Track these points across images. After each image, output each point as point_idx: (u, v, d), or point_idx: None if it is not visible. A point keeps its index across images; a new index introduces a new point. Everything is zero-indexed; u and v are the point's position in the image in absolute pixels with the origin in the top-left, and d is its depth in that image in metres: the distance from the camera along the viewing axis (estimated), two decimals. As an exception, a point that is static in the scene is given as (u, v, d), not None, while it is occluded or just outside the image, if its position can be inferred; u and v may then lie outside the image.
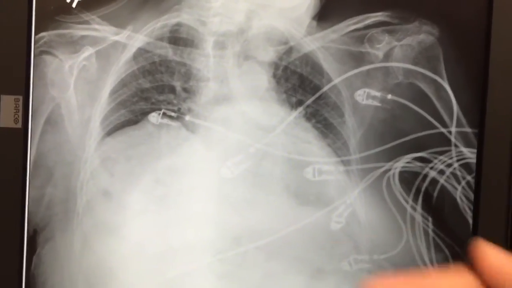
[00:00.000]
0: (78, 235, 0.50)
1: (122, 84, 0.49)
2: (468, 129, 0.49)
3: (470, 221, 0.49)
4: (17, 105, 0.49)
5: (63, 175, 0.50)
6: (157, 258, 0.50)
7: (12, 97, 0.49)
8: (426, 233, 0.50)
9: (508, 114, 0.49)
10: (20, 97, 0.49)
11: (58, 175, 0.50)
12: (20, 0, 0.49)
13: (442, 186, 0.50)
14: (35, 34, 0.49)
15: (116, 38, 0.49)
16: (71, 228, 0.50)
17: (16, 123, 0.49)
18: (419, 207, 0.50)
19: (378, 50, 0.49)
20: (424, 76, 0.49)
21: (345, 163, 0.50)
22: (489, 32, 0.49)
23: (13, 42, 0.49)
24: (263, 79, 0.49)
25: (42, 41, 0.49)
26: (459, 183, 0.50)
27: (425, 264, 0.50)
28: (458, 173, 0.49)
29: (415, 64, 0.49)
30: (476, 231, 0.49)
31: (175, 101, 0.50)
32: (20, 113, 0.49)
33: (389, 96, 0.49)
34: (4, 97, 0.49)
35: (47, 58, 0.49)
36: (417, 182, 0.50)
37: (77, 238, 0.50)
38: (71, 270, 0.50)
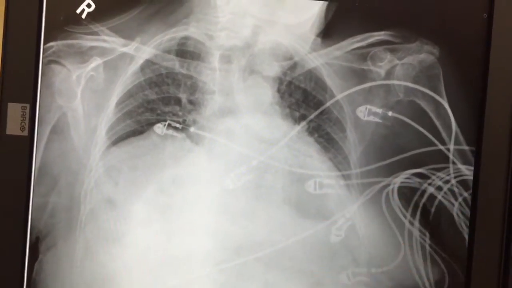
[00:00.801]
0: (80, 243, 0.50)
1: (129, 94, 0.50)
2: (465, 147, 0.51)
3: (466, 237, 0.51)
4: (24, 113, 0.49)
5: (68, 183, 0.50)
6: (158, 267, 0.51)
7: (19, 105, 0.49)
8: (423, 247, 0.51)
9: (505, 133, 0.50)
10: (27, 105, 0.49)
11: (63, 183, 0.50)
12: (30, 10, 0.49)
13: (440, 202, 0.51)
14: (44, 43, 0.50)
15: (124, 49, 0.50)
16: (74, 236, 0.50)
17: (22, 131, 0.49)
18: (417, 222, 0.51)
19: (380, 68, 0.50)
20: (424, 94, 0.50)
21: (346, 177, 0.51)
22: (488, 52, 0.50)
23: (22, 51, 0.49)
24: (267, 94, 0.50)
25: (51, 50, 0.50)
26: (456, 199, 0.51)
27: (421, 278, 0.51)
28: (456, 189, 0.51)
29: (415, 82, 0.51)
30: (472, 247, 0.50)
31: (180, 113, 0.50)
32: (26, 121, 0.49)
33: (390, 113, 0.51)
34: (11, 104, 0.49)
35: (55, 67, 0.50)
36: (415, 198, 0.51)
37: (80, 246, 0.50)
38: (72, 277, 0.50)
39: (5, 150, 0.49)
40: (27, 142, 0.49)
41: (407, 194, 0.51)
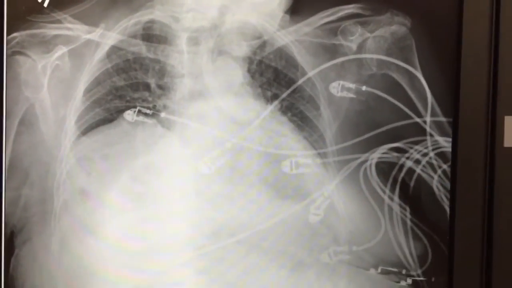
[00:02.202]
0: (56, 235, 0.50)
1: (96, 82, 0.49)
2: (442, 118, 0.50)
3: (447, 209, 0.50)
4: (-9, 107, 0.49)
5: (39, 176, 0.49)
6: (137, 255, 0.50)
7: (-15, 98, 0.49)
8: (404, 222, 0.50)
9: (481, 102, 0.49)
10: (-7, 98, 0.49)
11: (34, 175, 0.49)
12: (-9, 1, 0.48)
13: (419, 176, 0.50)
14: (7, 34, 0.49)
15: (88, 36, 0.49)
16: (49, 229, 0.50)
17: (-10, 125, 0.49)
18: (396, 197, 0.50)
19: (351, 42, 0.49)
20: (398, 67, 0.49)
21: (322, 155, 0.50)
22: (461, 21, 0.49)
23: (-16, 43, 0.48)
24: (237, 74, 0.50)
25: (14, 41, 0.49)
26: (435, 172, 0.50)
27: (404, 253, 0.50)
28: (434, 162, 0.50)
29: (388, 55, 0.49)
30: (453, 219, 0.50)
31: (150, 98, 0.49)
32: (-7, 115, 0.49)
33: (364, 88, 0.50)
34: (-23, 98, 0.49)
35: (20, 58, 0.49)
36: (393, 173, 0.50)
37: (55, 238, 0.50)
38: (50, 270, 0.50)
39: (-27, 145, 0.49)
40: (-4, 136, 0.49)
41: (385, 169, 0.50)
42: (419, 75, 0.49)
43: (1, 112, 0.49)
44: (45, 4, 0.49)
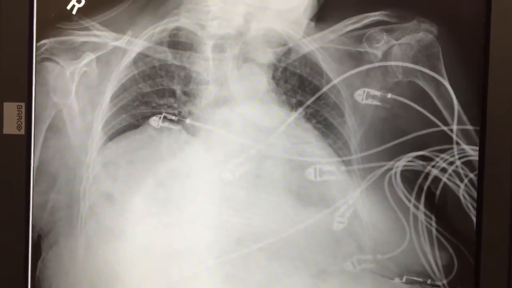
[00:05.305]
0: (82, 239, 0.50)
1: (123, 89, 0.50)
2: (469, 127, 0.49)
3: (474, 218, 0.49)
4: (20, 112, 0.49)
5: (66, 181, 0.50)
6: (160, 261, 0.50)
7: (15, 104, 0.49)
8: (429, 231, 0.49)
9: (509, 110, 0.48)
10: (23, 104, 0.50)
11: (61, 180, 0.50)
12: (21, 8, 0.49)
13: (445, 184, 0.49)
14: (37, 41, 0.50)
15: (116, 43, 0.50)
16: (75, 233, 0.50)
17: (19, 130, 0.49)
18: (421, 206, 0.49)
19: (377, 50, 0.49)
20: (424, 74, 0.49)
21: (346, 163, 0.50)
22: (488, 28, 0.48)
23: (14, 50, 0.49)
24: (262, 81, 0.50)
25: (44, 48, 0.50)
26: (461, 181, 0.49)
27: (429, 263, 0.50)
28: (461, 171, 0.49)
29: (414, 62, 0.49)
30: (480, 229, 0.49)
31: (175, 105, 0.50)
32: (23, 120, 0.50)
33: (389, 95, 0.49)
34: (7, 104, 0.49)
35: (49, 64, 0.50)
36: (419, 181, 0.49)
37: (81, 242, 0.50)
38: (75, 274, 0.50)
39: (2, 150, 0.49)
40: (24, 141, 0.50)
41: (410, 177, 0.49)
42: (446, 83, 0.49)
43: (29, 117, 0.50)
44: (74, 12, 0.50)
